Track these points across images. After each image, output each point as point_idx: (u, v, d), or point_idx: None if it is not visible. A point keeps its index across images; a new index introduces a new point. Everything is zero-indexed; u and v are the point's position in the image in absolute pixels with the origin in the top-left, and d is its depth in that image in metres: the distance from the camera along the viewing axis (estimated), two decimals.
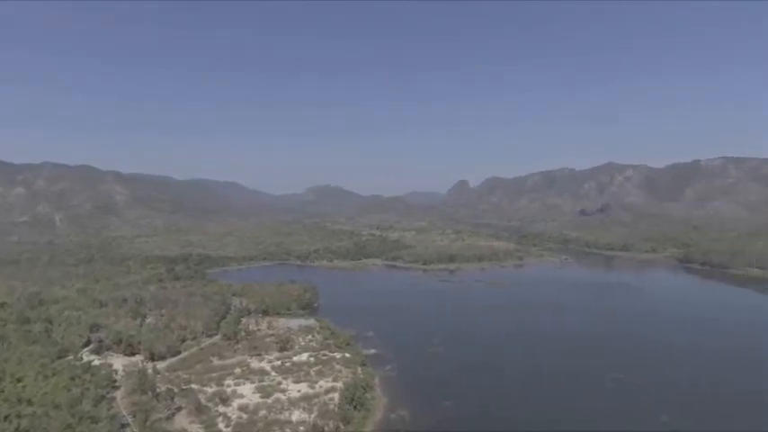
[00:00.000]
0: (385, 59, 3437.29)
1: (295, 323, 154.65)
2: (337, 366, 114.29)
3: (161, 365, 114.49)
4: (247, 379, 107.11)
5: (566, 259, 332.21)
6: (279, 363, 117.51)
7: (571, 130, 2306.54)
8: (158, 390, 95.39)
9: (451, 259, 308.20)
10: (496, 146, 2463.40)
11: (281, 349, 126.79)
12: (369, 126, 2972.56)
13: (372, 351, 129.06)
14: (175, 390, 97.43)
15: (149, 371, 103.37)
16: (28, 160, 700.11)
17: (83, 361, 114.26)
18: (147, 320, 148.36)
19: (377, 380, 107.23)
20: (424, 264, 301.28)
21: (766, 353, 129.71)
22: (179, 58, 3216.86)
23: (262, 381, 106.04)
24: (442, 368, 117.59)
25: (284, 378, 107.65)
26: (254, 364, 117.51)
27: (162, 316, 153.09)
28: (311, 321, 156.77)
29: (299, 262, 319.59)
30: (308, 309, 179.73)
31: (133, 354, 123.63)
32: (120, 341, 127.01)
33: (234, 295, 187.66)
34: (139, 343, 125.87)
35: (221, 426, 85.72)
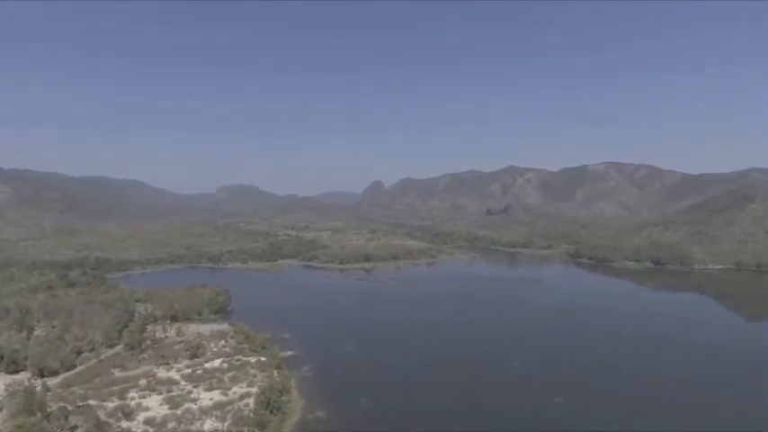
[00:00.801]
0: (303, 58, 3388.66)
1: (207, 328, 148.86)
2: (252, 371, 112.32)
3: (52, 382, 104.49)
4: (154, 390, 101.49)
5: (474, 257, 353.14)
6: (189, 371, 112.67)
7: (472, 135, 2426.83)
8: (49, 409, 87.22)
9: (367, 259, 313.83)
10: (409, 147, 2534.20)
11: (192, 356, 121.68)
12: (284, 125, 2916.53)
13: (289, 353, 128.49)
14: (70, 407, 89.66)
15: (38, 388, 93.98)
16: None
17: None
18: (36, 333, 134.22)
19: (293, 382, 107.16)
20: (341, 263, 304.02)
21: (642, 335, 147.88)
22: (71, 43, 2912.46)
23: (170, 391, 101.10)
24: (359, 366, 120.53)
25: (195, 386, 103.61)
26: (162, 373, 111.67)
27: (53, 327, 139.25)
28: (224, 326, 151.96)
29: (210, 264, 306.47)
30: (222, 313, 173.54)
31: (18, 371, 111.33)
32: (2, 357, 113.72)
33: (138, 301, 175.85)
34: (26, 358, 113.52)
35: None
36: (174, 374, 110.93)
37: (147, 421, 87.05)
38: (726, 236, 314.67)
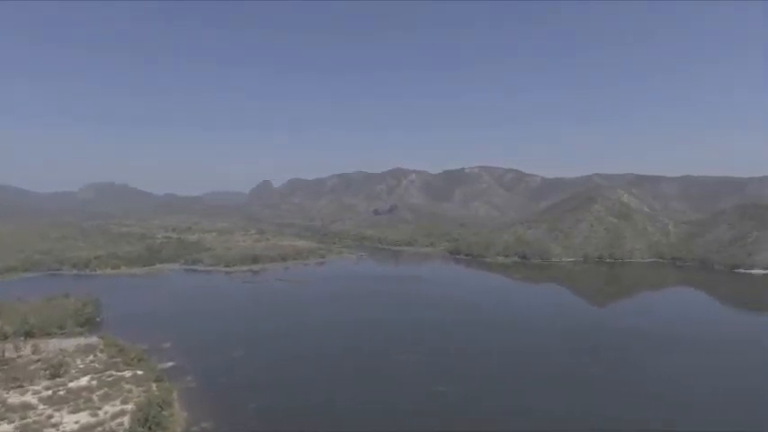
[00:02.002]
0: (183, 44, 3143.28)
1: (71, 343, 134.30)
2: (127, 386, 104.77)
3: None
4: (4, 419, 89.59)
5: (362, 255, 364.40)
6: (49, 392, 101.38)
7: (359, 136, 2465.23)
8: None
9: (255, 260, 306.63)
10: (297, 147, 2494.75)
11: (53, 376, 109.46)
12: (160, 117, 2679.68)
13: (170, 364, 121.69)
14: None
15: None
16: None
17: None
18: None
19: (175, 394, 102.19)
20: (227, 266, 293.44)
21: (515, 323, 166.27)
22: None
23: (25, 418, 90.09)
24: (246, 371, 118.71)
25: (57, 410, 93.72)
26: (14, 398, 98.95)
27: None
28: (93, 339, 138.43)
29: (75, 271, 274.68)
30: (90, 325, 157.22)
31: None
32: None
33: None
34: None
35: None
36: (29, 398, 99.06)
37: None
38: (575, 232, 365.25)
